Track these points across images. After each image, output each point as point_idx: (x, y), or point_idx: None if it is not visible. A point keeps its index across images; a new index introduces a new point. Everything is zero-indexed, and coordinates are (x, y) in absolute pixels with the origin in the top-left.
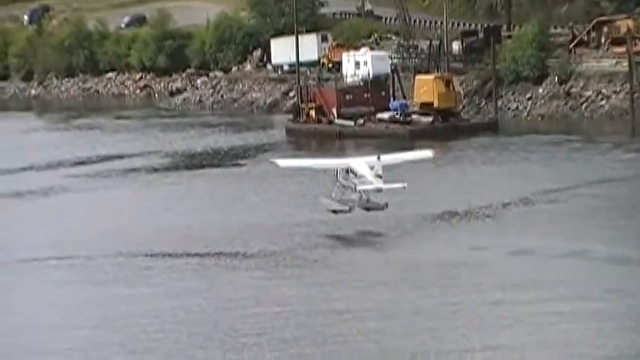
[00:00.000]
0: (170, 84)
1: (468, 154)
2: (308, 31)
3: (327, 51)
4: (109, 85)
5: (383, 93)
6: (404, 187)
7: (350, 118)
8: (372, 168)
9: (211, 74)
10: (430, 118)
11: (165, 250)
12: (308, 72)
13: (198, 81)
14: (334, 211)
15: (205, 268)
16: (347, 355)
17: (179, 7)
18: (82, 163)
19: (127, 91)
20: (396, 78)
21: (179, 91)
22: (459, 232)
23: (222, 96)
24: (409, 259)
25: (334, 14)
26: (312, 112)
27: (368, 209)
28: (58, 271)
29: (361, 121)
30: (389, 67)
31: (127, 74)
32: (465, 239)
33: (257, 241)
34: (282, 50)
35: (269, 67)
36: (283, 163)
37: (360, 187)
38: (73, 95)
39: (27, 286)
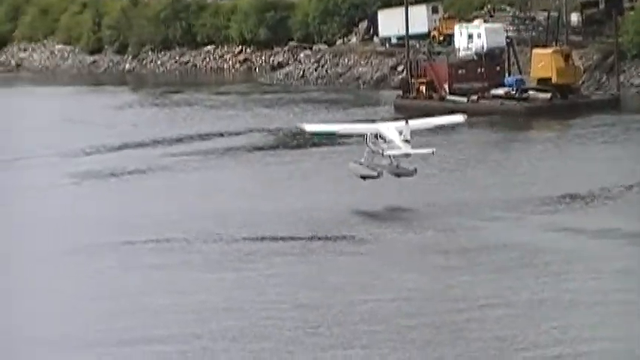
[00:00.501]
0: (271, 58)
1: (588, 132)
2: (417, 2)
3: (437, 23)
4: (207, 59)
5: (497, 68)
6: (432, 153)
7: (463, 95)
8: (400, 133)
9: (315, 47)
10: (548, 95)
11: (270, 233)
12: (418, 45)
13: (301, 55)
14: (363, 177)
15: (311, 252)
16: (465, 344)
17: None
18: (180, 141)
19: (226, 66)
20: (511, 52)
21: (281, 66)
22: (580, 215)
23: (326, 71)
24: (526, 243)
25: None
26: (423, 88)
27: (398, 175)
28: (159, 254)
29: (474, 97)
30: (504, 41)
31: (226, 47)
32: (585, 223)
33: (366, 224)
34: (390, 22)
35: (376, 40)
36: (310, 127)
37: (387, 152)
38: (170, 70)
39: (128, 269)
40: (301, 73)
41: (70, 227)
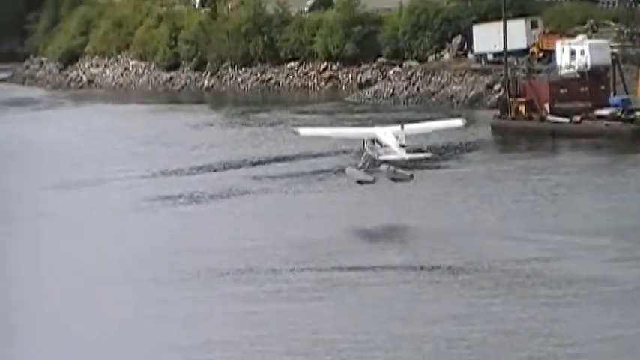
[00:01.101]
0: (359, 75)
1: None
2: (515, 17)
3: (537, 39)
4: (291, 76)
5: (602, 87)
6: (428, 158)
7: (565, 115)
8: (396, 137)
9: (405, 64)
10: None
11: (362, 262)
12: (516, 62)
13: (391, 71)
14: (359, 182)
15: (405, 282)
16: None
17: None
18: (263, 162)
19: (310, 83)
20: (616, 70)
21: (369, 83)
22: None
23: (417, 88)
24: (637, 276)
25: None
26: (522, 108)
27: (395, 180)
28: (243, 283)
29: (577, 118)
30: (609, 58)
31: (310, 64)
32: None
33: (466, 250)
34: (485, 38)
35: (470, 56)
36: (304, 131)
37: (382, 157)
38: (251, 87)
39: (210, 298)
40: (391, 91)
41: (151, 254)
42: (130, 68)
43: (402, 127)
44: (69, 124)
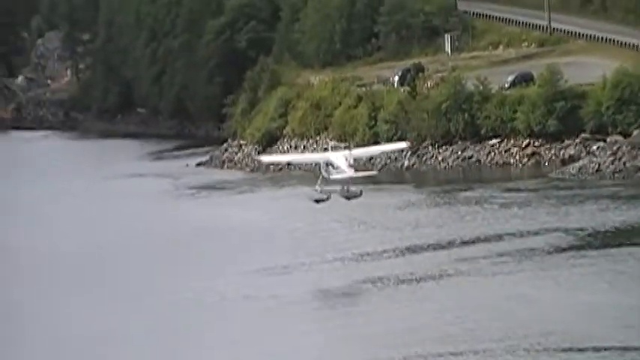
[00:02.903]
0: (562, 151)
1: None
2: None
3: None
4: (492, 154)
5: None
6: (375, 174)
7: None
8: (346, 159)
9: (609, 139)
10: None
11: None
12: None
13: (595, 147)
14: (316, 201)
15: None
16: None
17: (570, 63)
18: (469, 243)
19: (512, 160)
20: None
21: (572, 159)
22: None
23: (624, 164)
24: None
25: None
26: None
27: (348, 198)
28: None
29: None
30: None
31: (512, 140)
32: None
33: None
34: None
35: None
36: (266, 158)
37: (332, 176)
38: (451, 165)
39: None
40: (596, 166)
41: (366, 342)
42: (330, 149)
43: (350, 149)
44: (269, 206)
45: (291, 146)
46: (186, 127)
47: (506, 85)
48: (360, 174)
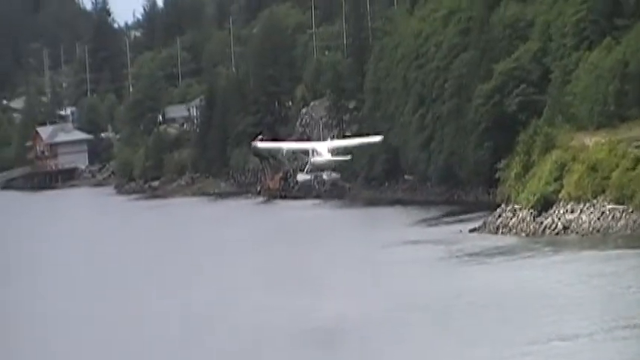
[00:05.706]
0: None
1: None
2: None
3: None
4: None
5: None
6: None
7: None
8: (327, 148)
9: None
10: None
11: None
12: None
13: None
14: (304, 183)
15: None
16: None
17: None
18: None
19: None
20: None
21: None
22: None
23: None
24: None
25: None
26: None
27: (333, 184)
28: None
29: None
30: None
31: None
32: None
33: None
34: None
35: None
36: (261, 144)
37: (313, 159)
38: None
39: None
40: None
41: None
42: (607, 212)
43: (332, 139)
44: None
45: (567, 210)
46: (455, 193)
47: None
48: (337, 158)
